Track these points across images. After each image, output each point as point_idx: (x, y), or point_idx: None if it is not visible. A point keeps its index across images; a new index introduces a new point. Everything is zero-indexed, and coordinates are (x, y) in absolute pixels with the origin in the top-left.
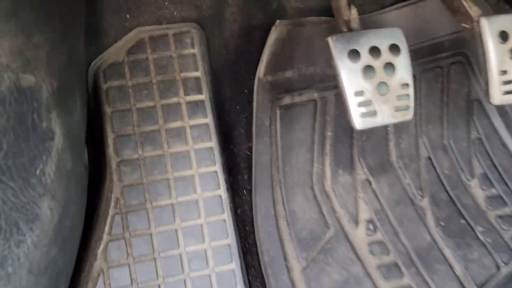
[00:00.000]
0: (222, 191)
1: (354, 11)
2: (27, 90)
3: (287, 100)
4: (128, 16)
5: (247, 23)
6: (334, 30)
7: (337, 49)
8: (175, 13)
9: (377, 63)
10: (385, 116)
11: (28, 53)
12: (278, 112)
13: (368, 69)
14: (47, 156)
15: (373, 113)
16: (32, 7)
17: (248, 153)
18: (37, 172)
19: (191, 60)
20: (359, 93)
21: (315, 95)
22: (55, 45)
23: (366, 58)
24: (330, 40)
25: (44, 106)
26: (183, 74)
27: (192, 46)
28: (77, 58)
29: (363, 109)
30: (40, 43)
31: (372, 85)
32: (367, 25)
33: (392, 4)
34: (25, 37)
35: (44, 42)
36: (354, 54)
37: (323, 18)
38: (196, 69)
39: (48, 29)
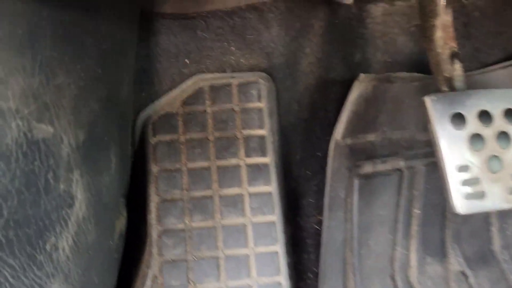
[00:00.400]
0: (283, 278)
1: (458, 67)
2: (42, 143)
3: (367, 168)
4: (187, 61)
5: (325, 75)
6: (428, 89)
7: (437, 111)
8: (241, 60)
9: (488, 132)
10: (497, 199)
11: (46, 97)
12: (356, 182)
13: (476, 139)
14: (62, 227)
15: (481, 195)
16: (57, 38)
17: (317, 228)
18: (47, 247)
19: (256, 116)
20: (463, 168)
21: (402, 164)
22: (86, 89)
23: (473, 124)
24: (428, 100)
25: (63, 164)
26: (245, 132)
27: (259, 99)
28: (118, 106)
29: (468, 189)
30: (65, 85)
31: (481, 159)
32: (469, 85)
33: (496, 62)
34: (44, 76)
35: (71, 85)
36: (458, 118)
37: (415, 74)
38: (261, 127)
39: (77, 68)
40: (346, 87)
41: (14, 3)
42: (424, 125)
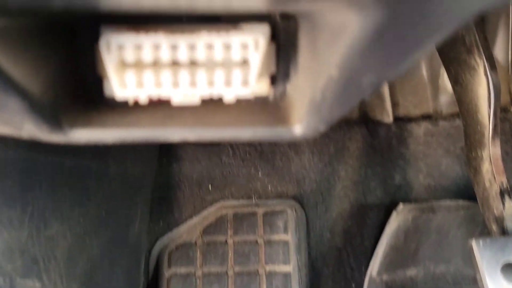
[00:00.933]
0: None
1: (509, 205)
2: None
3: None
4: (210, 187)
5: (361, 200)
6: (476, 219)
7: (486, 259)
8: (269, 187)
9: None
10: None
11: (35, 250)
12: None
13: None
14: None
15: None
16: (54, 186)
17: None
18: None
19: (281, 250)
20: None
21: None
22: (84, 236)
23: None
24: (475, 245)
25: None
26: (268, 267)
27: (285, 231)
28: (125, 246)
29: None
30: (59, 235)
31: None
32: None
33: None
34: (35, 228)
35: (66, 233)
36: (511, 269)
37: (461, 202)
38: (287, 262)
39: (76, 214)
40: (385, 212)
41: (4, 151)
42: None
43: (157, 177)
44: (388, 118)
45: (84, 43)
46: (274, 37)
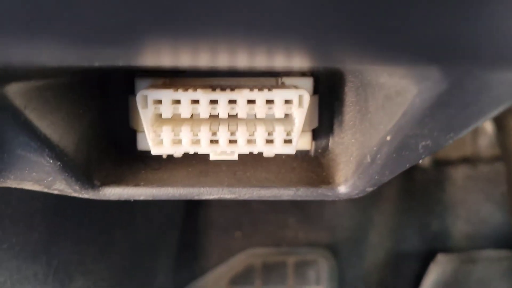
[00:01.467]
0: None
1: None
2: None
3: None
4: (238, 234)
5: (397, 249)
6: None
7: None
8: (300, 235)
9: None
10: None
11: None
12: None
13: None
14: None
15: None
16: (80, 239)
17: None
18: None
19: None
20: None
21: None
22: None
23: None
24: None
25: None
26: None
27: (317, 282)
28: None
29: None
30: None
31: None
32: None
33: None
34: (59, 282)
35: (90, 287)
36: None
37: (503, 252)
38: None
39: (101, 267)
40: (421, 261)
41: (32, 203)
42: None
43: (183, 222)
44: (425, 161)
45: (117, 95)
46: (318, 90)
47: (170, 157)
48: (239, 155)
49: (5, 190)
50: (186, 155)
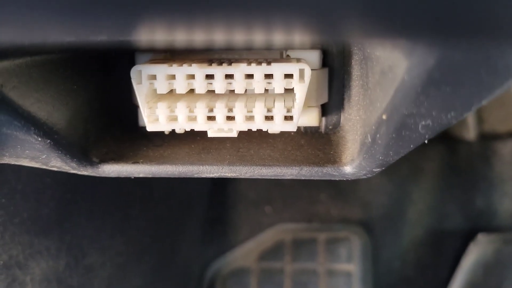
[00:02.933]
0: None
1: None
2: None
3: None
4: (268, 209)
5: (437, 227)
6: None
7: None
8: (332, 210)
9: None
10: None
11: (73, 280)
12: None
13: None
14: None
15: None
16: (94, 214)
17: None
18: None
19: (343, 281)
20: None
21: None
22: (126, 265)
23: None
24: None
25: None
26: None
27: (349, 260)
28: (172, 273)
29: None
30: (98, 264)
31: None
32: None
33: None
34: (73, 257)
35: (106, 263)
36: None
37: None
38: None
39: (117, 243)
40: (464, 240)
41: (41, 179)
42: None
43: (211, 197)
44: (470, 134)
45: (121, 70)
46: (327, 63)
47: (173, 133)
48: (245, 131)
49: (15, 166)
50: (190, 130)
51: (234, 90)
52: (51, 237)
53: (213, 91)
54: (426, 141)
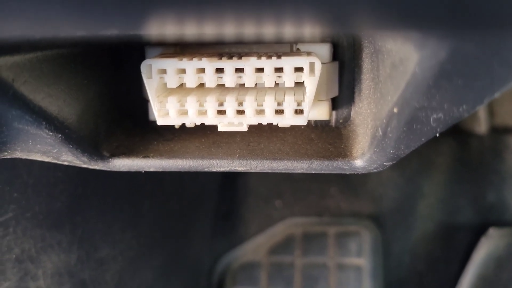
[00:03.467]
0: None
1: None
2: None
3: None
4: (279, 202)
5: (447, 221)
6: None
7: None
8: (342, 204)
9: None
10: None
11: (85, 274)
12: None
13: None
14: None
15: None
16: (105, 208)
17: None
18: None
19: (353, 275)
20: None
21: None
22: (136, 259)
23: None
24: None
25: None
26: None
27: (359, 254)
28: (182, 266)
29: None
30: (109, 258)
31: None
32: None
33: None
34: (84, 251)
35: (117, 257)
36: None
37: None
38: None
39: (128, 237)
40: (474, 234)
41: (53, 173)
42: None
43: (221, 191)
44: (481, 128)
45: (131, 64)
46: (337, 56)
47: (183, 127)
48: (255, 125)
49: (27, 161)
50: (200, 125)
51: (244, 84)
52: (62, 231)
53: (223, 85)
54: (437, 135)
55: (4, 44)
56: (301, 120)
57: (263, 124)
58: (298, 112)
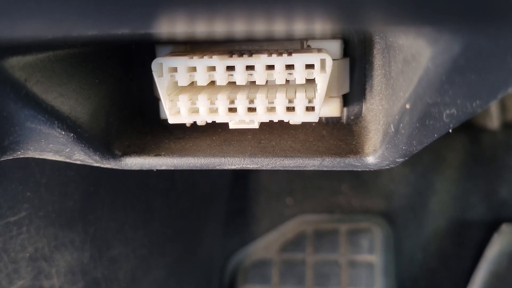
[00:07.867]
0: None
1: None
2: None
3: None
4: (290, 199)
5: (460, 217)
6: None
7: None
8: (353, 201)
9: None
10: None
11: (98, 272)
12: None
13: None
14: None
15: None
16: (117, 207)
17: None
18: None
19: (365, 273)
20: None
21: None
22: (149, 257)
23: None
24: None
25: None
26: None
27: (371, 251)
28: (194, 264)
29: None
30: (122, 256)
31: None
32: None
33: None
34: (97, 249)
35: (129, 255)
36: None
37: None
38: (371, 286)
39: (140, 235)
40: (487, 231)
41: (65, 172)
42: None
43: (232, 188)
44: (493, 123)
45: (142, 63)
46: (348, 53)
47: (194, 125)
48: (266, 122)
49: (39, 160)
50: (211, 122)
51: (255, 82)
52: (75, 230)
53: (234, 82)
54: (450, 131)
55: (17, 44)
56: (312, 117)
57: (274, 121)
58: (309, 109)
